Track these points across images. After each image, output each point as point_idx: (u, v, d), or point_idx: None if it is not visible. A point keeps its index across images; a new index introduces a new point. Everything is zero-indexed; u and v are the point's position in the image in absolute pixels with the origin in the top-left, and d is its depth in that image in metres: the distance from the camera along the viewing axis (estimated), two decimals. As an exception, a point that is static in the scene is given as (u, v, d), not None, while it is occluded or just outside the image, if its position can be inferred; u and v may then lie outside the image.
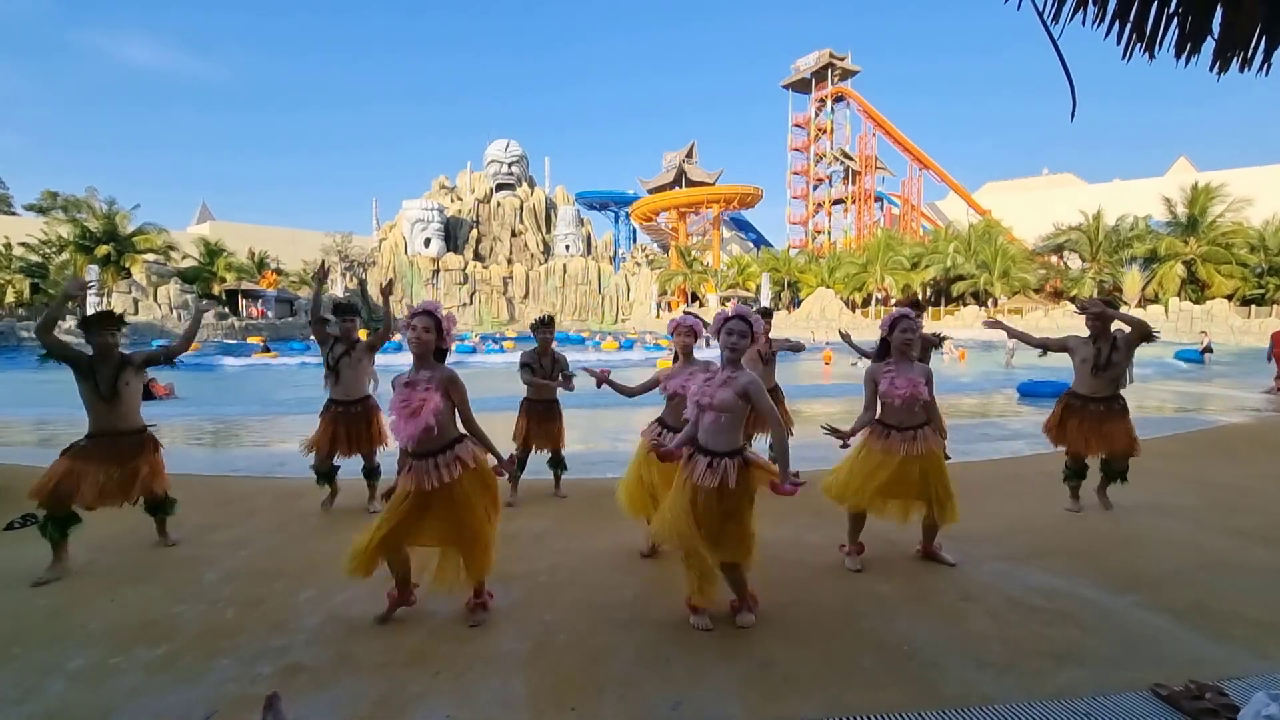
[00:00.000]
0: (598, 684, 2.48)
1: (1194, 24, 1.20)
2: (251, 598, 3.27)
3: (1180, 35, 1.22)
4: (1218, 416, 9.51)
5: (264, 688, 2.40)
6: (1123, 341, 4.48)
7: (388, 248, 53.92)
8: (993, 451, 7.18)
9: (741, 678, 2.52)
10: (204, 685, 2.49)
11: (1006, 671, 2.54)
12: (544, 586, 3.41)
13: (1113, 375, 4.51)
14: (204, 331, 37.02)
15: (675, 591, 3.16)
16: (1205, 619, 2.96)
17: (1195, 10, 1.18)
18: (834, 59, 65.62)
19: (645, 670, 2.58)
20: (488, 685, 2.47)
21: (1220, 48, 1.21)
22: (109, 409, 3.68)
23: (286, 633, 2.90)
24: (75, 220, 40.80)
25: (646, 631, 2.90)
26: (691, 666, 2.60)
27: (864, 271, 47.21)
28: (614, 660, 2.65)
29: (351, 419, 4.71)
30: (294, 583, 3.46)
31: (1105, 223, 41.41)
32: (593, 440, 8.53)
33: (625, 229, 76.25)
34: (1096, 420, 4.54)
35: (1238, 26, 1.18)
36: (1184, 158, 65.21)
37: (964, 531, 3.92)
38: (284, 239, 66.62)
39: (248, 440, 9.14)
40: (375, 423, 4.80)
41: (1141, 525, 4.38)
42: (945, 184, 64.68)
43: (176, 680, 2.52)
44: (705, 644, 2.78)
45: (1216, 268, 36.36)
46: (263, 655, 2.70)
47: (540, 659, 2.67)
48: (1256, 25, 1.19)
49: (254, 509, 4.89)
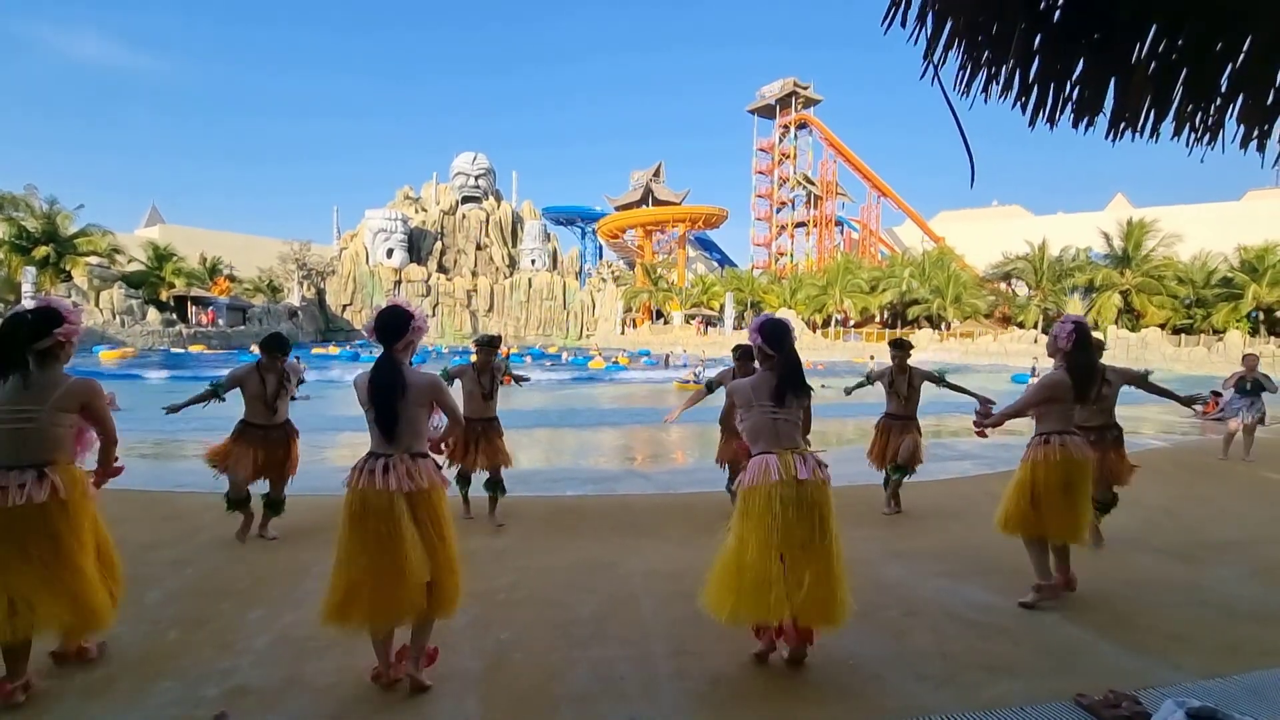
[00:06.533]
0: (552, 702, 2.51)
1: (1090, 98, 1.37)
2: (196, 618, 3.18)
3: (1078, 108, 1.39)
4: (1149, 440, 10.08)
5: (208, 711, 2.36)
6: (1113, 374, 4.43)
7: (348, 257, 52.89)
8: (941, 471, 7.46)
9: (692, 694, 2.58)
10: (143, 709, 2.42)
11: (944, 684, 2.66)
12: (501, 605, 3.42)
13: (1103, 406, 4.44)
14: (149, 339, 35.54)
15: (632, 609, 3.20)
16: (1126, 632, 3.16)
17: (1090, 87, 1.36)
18: (798, 87, 67.63)
19: (600, 687, 2.62)
20: (441, 705, 2.47)
21: (1114, 118, 1.39)
22: None
23: (233, 654, 2.83)
24: (11, 219, 38.77)
25: (603, 649, 2.94)
26: (645, 683, 2.65)
27: (824, 294, 48.42)
28: (569, 678, 2.68)
29: (271, 444, 4.50)
30: (241, 602, 3.39)
31: (1049, 253, 43.52)
32: (554, 458, 8.52)
33: (592, 245, 76.54)
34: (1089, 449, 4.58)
35: (1128, 100, 1.35)
36: (1121, 194, 69.27)
37: (911, 549, 4.08)
38: (239, 245, 64.72)
39: (193, 454, 8.82)
40: (293, 450, 4.62)
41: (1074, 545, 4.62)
42: (902, 211, 67.13)
43: (114, 704, 2.44)
44: (658, 661, 2.83)
45: (1150, 298, 38.53)
46: (207, 677, 2.64)
47: (495, 677, 2.68)
48: (1145, 99, 1.36)
49: (199, 525, 4.74)
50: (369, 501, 2.45)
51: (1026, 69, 1.40)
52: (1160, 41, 1.40)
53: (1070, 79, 1.40)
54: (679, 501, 6.09)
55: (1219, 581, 3.89)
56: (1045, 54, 1.37)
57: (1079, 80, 1.39)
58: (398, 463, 2.48)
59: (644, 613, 3.36)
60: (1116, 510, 4.66)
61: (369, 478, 2.46)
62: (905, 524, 5.19)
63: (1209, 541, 4.75)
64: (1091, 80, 1.37)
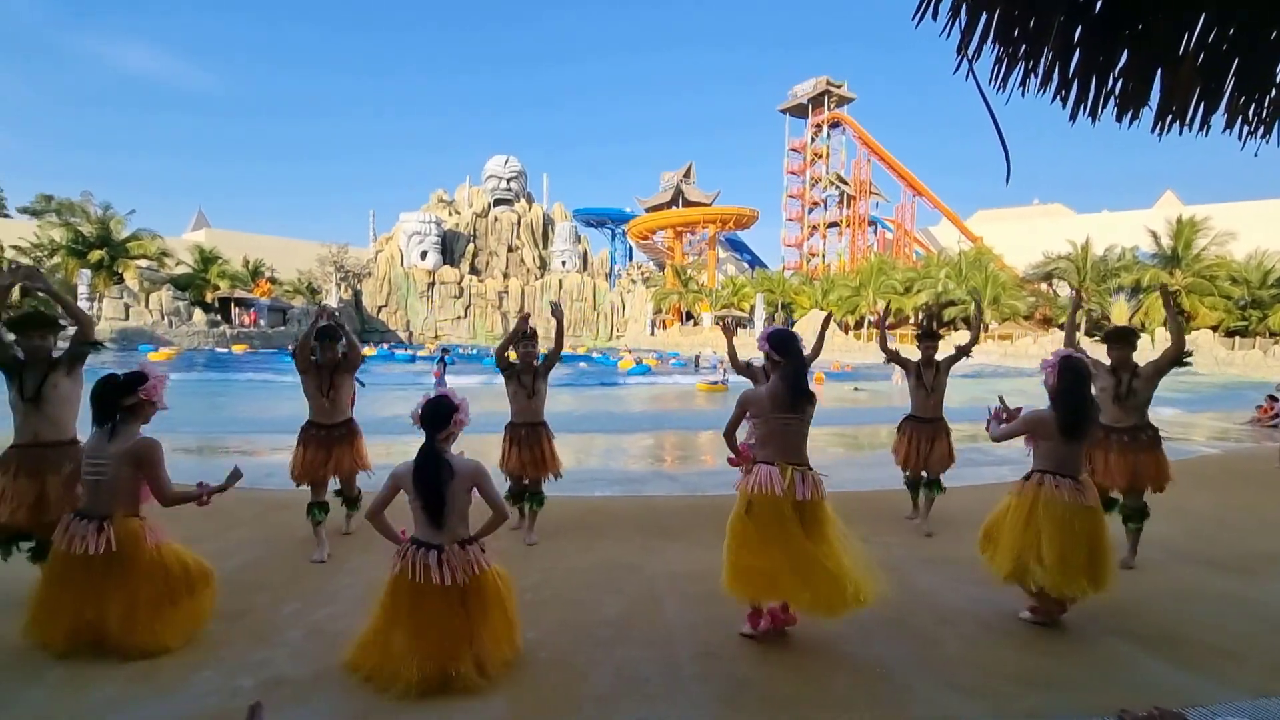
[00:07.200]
0: (577, 702, 2.52)
1: (1134, 91, 1.32)
2: (234, 610, 3.27)
3: (1121, 101, 1.33)
4: (1200, 447, 9.67)
5: (244, 700, 2.42)
6: (1147, 369, 4.26)
7: (384, 259, 54.01)
8: (976, 477, 7.26)
9: (717, 697, 2.56)
10: (185, 696, 2.50)
11: (977, 694, 2.59)
12: (527, 605, 3.43)
13: (1136, 404, 4.27)
14: (194, 339, 36.86)
15: (657, 610, 3.20)
16: (1173, 647, 3.02)
17: (1134, 79, 1.30)
18: (831, 86, 66.76)
19: (624, 688, 2.62)
20: (469, 703, 2.49)
21: (1160, 111, 1.32)
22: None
23: (269, 646, 2.91)
24: (69, 224, 40.71)
25: (627, 650, 2.94)
26: (669, 685, 2.64)
27: (857, 295, 47.67)
28: (594, 678, 2.69)
29: (333, 441, 4.52)
30: (277, 595, 3.48)
31: (1093, 252, 42.08)
32: (583, 458, 8.56)
33: (622, 246, 76.72)
34: (1118, 451, 4.27)
35: (1176, 93, 1.29)
36: (1170, 191, 66.63)
37: (944, 556, 3.98)
38: (279, 248, 66.58)
39: (234, 450, 9.12)
40: (357, 446, 4.65)
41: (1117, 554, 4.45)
42: (938, 210, 65.64)
43: (156, 691, 2.54)
44: (683, 663, 2.82)
45: (1201, 299, 36.95)
46: (244, 668, 2.72)
47: (521, 676, 2.69)
48: (1194, 91, 1.30)
49: (238, 521, 4.89)
50: (423, 591, 2.56)
51: (1066, 62, 1.34)
52: (1210, 31, 1.33)
53: (1113, 71, 1.35)
54: (706, 503, 6.05)
55: (1272, 595, 3.71)
56: (1086, 46, 1.32)
57: (1122, 72, 1.33)
58: (450, 557, 2.58)
59: (668, 614, 3.35)
60: (1163, 520, 4.47)
61: (424, 572, 2.55)
62: (937, 530, 5.07)
63: (1262, 553, 4.53)
64: (1136, 72, 1.31)
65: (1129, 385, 4.30)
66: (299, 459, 4.42)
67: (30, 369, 3.42)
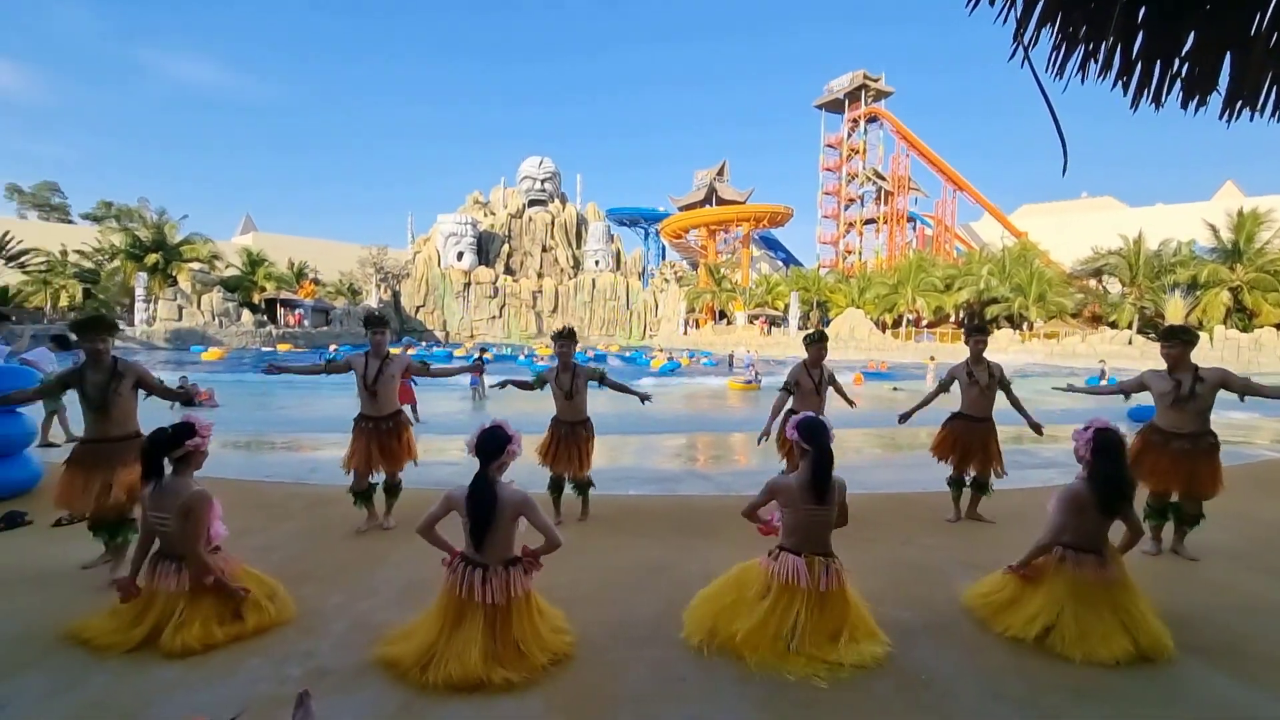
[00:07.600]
0: (613, 700, 2.52)
1: (1201, 76, 1.24)
2: (282, 600, 3.37)
3: (1187, 86, 1.26)
4: (1263, 450, 9.17)
5: (292, 689, 2.50)
6: (1213, 375, 4.12)
7: (421, 260, 55.09)
8: (1022, 480, 7.03)
9: (755, 700, 2.53)
10: (236, 683, 2.60)
11: (1026, 705, 2.50)
12: (562, 602, 3.45)
13: (1197, 408, 4.14)
14: (242, 339, 38.22)
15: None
16: (1236, 660, 2.87)
17: (1202, 63, 1.22)
18: (868, 80, 65.49)
19: (659, 688, 2.61)
20: (506, 701, 2.52)
21: (1230, 97, 1.24)
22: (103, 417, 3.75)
23: (315, 637, 3.00)
24: (127, 229, 42.70)
25: (663, 650, 2.93)
26: (706, 686, 2.62)
27: (895, 292, 46.63)
28: (630, 677, 2.69)
29: (383, 435, 4.70)
30: (322, 588, 3.58)
31: (1146, 247, 40.28)
32: (617, 457, 8.58)
33: (655, 246, 76.69)
34: (1176, 457, 4.18)
35: (1247, 77, 1.21)
36: (1231, 182, 63.21)
37: (988, 560, 3.85)
38: (322, 250, 68.62)
39: (281, 446, 9.41)
40: (406, 438, 4.81)
41: (1175, 562, 4.26)
42: (980, 205, 63.71)
43: (210, 677, 2.64)
44: (721, 665, 2.80)
45: (1264, 295, 35.04)
46: (291, 657, 2.80)
47: (557, 674, 2.71)
48: (1267, 74, 1.22)
49: (286, 514, 5.05)
50: (466, 604, 2.73)
51: (1129, 45, 1.27)
52: (1285, 10, 1.25)
53: (1179, 55, 1.27)
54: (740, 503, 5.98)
55: (1350, 610, 3.49)
56: (1150, 28, 1.24)
57: (1189, 56, 1.26)
58: (493, 577, 2.73)
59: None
60: (1227, 527, 4.27)
61: (469, 590, 2.72)
62: (981, 534, 4.92)
63: (1337, 565, 4.27)
64: (1204, 56, 1.23)
65: (1191, 389, 4.13)
66: (351, 451, 4.68)
67: (94, 380, 3.72)
